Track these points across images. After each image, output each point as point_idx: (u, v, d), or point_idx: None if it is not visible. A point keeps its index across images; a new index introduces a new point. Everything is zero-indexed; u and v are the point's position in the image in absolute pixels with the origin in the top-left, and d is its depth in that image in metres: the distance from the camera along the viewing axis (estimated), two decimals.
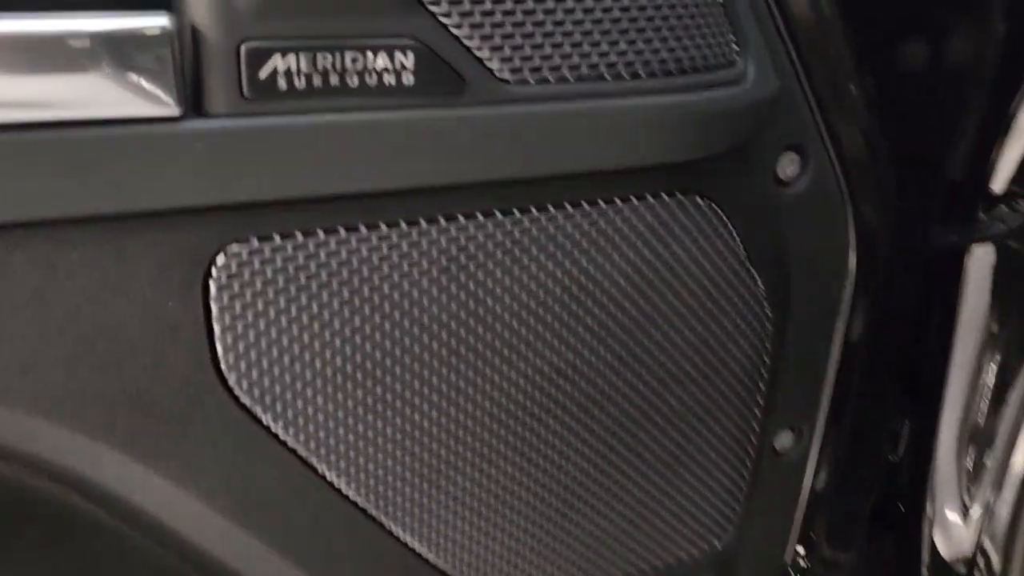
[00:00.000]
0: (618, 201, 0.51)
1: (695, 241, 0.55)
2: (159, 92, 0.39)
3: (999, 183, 0.72)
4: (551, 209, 0.50)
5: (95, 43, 0.38)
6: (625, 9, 0.46)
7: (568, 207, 0.50)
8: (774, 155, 0.58)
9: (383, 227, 0.47)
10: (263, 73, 0.40)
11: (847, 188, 0.62)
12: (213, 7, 0.39)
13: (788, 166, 0.59)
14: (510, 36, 0.44)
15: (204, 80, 0.40)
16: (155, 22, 0.38)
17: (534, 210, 0.49)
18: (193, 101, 0.40)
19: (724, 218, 0.56)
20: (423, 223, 0.47)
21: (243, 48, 0.39)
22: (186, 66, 0.39)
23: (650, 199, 0.52)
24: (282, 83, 0.41)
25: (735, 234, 0.57)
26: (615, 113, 0.47)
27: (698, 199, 0.54)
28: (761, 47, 0.53)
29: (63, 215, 0.40)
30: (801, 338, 0.64)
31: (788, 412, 0.67)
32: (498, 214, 0.49)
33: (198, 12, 0.39)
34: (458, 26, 0.42)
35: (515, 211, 0.49)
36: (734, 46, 0.52)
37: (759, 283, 0.59)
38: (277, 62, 0.40)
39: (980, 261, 0.75)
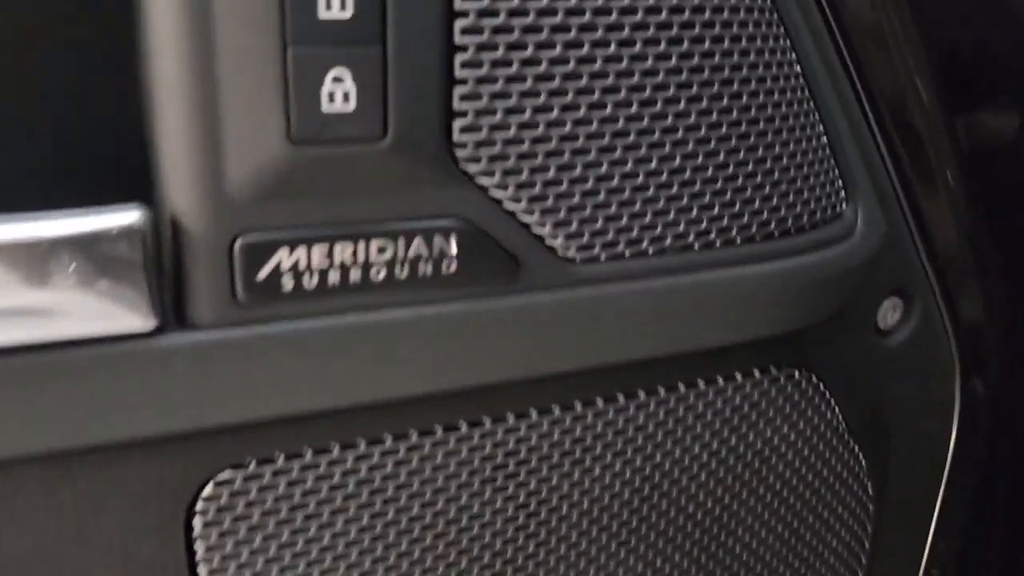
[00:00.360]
0: (701, 384, 0.42)
1: (788, 420, 0.45)
2: (129, 302, 0.30)
3: None
4: (621, 399, 0.40)
5: (49, 249, 0.28)
6: (722, 167, 0.36)
7: (642, 395, 0.41)
8: (876, 302, 0.49)
9: (413, 436, 0.37)
10: (263, 273, 0.31)
11: (954, 333, 0.53)
12: (198, 196, 0.29)
13: (890, 313, 0.50)
14: (579, 208, 0.34)
15: (187, 284, 0.31)
16: (122, 219, 0.29)
17: (600, 402, 0.40)
18: (174, 309, 0.31)
19: (822, 389, 0.46)
20: (464, 427, 0.38)
21: (238, 244, 0.30)
22: (165, 268, 0.30)
23: (738, 378, 0.42)
24: (287, 283, 0.31)
25: (834, 405, 0.47)
26: (705, 288, 0.38)
27: (794, 372, 0.44)
28: (869, 189, 0.44)
29: (5, 456, 0.31)
30: (903, 512, 0.54)
31: None
32: (556, 410, 0.39)
33: (179, 201, 0.29)
34: (515, 200, 0.33)
35: (577, 405, 0.39)
36: (842, 194, 0.42)
37: (860, 458, 0.49)
38: (282, 258, 0.31)
39: None
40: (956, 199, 0.50)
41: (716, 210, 0.37)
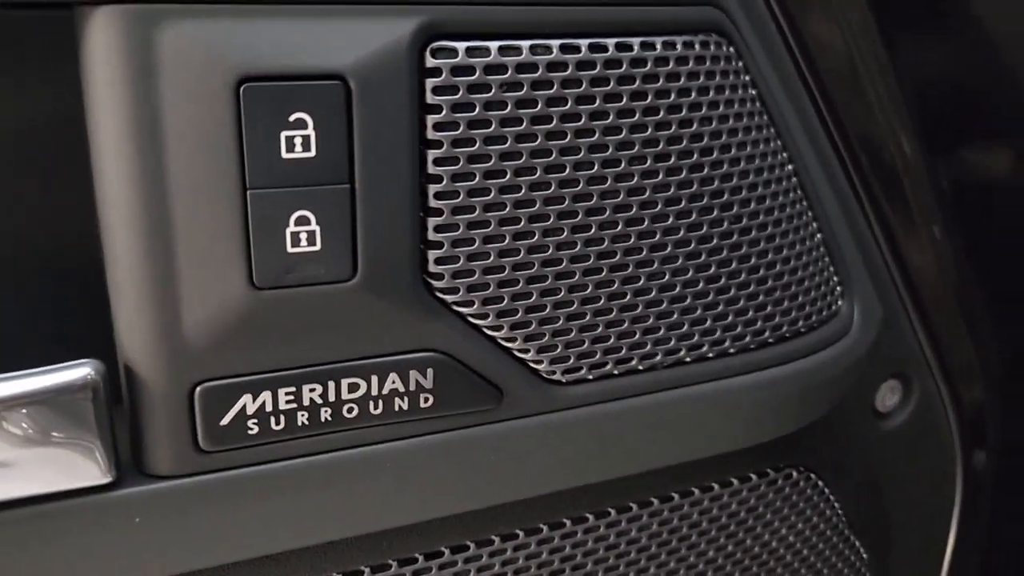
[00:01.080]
0: (696, 492, 0.40)
1: (786, 521, 0.43)
2: (84, 456, 0.28)
3: None
4: (613, 513, 0.38)
5: (2, 409, 0.26)
6: (713, 279, 0.34)
7: (634, 507, 0.39)
8: (873, 386, 0.47)
9: (393, 565, 0.35)
10: (227, 418, 0.29)
11: (955, 410, 0.51)
12: (154, 344, 0.27)
13: (888, 395, 0.48)
14: (564, 332, 0.32)
15: (146, 433, 0.29)
16: (73, 375, 0.27)
17: (591, 518, 0.38)
18: (134, 460, 0.29)
19: (820, 486, 0.44)
20: (447, 554, 0.36)
21: (199, 391, 0.28)
22: (119, 419, 0.28)
23: (735, 483, 0.41)
24: (253, 428, 0.29)
25: (833, 501, 0.45)
26: (698, 401, 0.36)
27: (792, 472, 0.43)
28: (865, 278, 0.42)
29: None
30: None
31: None
32: (544, 529, 0.37)
33: (134, 350, 0.27)
34: (496, 328, 0.31)
35: (566, 522, 0.37)
36: (837, 289, 0.40)
37: (861, 552, 0.47)
38: (246, 402, 0.29)
39: None
40: (947, 264, 0.48)
41: (708, 323, 0.35)
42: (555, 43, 0.29)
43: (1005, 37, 0.48)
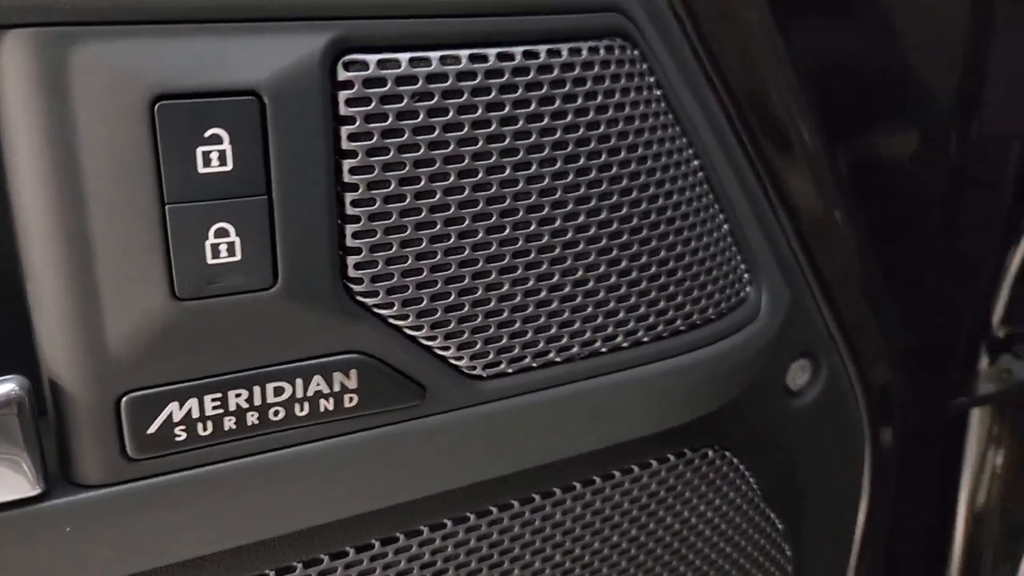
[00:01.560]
0: (616, 474, 0.42)
1: (704, 498, 0.45)
2: (11, 470, 0.28)
3: (999, 329, 0.66)
4: (536, 499, 0.40)
5: None
6: (624, 273, 0.36)
7: (558, 492, 0.40)
8: (784, 365, 0.50)
9: (324, 559, 0.36)
10: (154, 427, 0.29)
11: (862, 389, 0.54)
12: (78, 358, 0.28)
13: (799, 374, 0.51)
14: (483, 328, 0.34)
15: (73, 444, 0.29)
16: None
17: (517, 504, 0.39)
18: (62, 470, 0.29)
19: (735, 463, 0.46)
20: (377, 546, 0.37)
21: (124, 402, 0.29)
22: (46, 430, 0.29)
23: (653, 464, 0.43)
24: (180, 434, 0.30)
25: (748, 476, 0.47)
26: (615, 389, 0.38)
27: (707, 451, 0.45)
28: (772, 264, 0.44)
29: None
30: (820, 566, 0.55)
31: None
32: (471, 518, 0.39)
33: (58, 364, 0.28)
34: (417, 328, 0.32)
35: (492, 510, 0.39)
36: (745, 276, 0.43)
37: (776, 524, 0.50)
38: (172, 410, 0.29)
39: (982, 421, 0.69)
40: (850, 250, 0.50)
41: (622, 314, 0.37)
42: (464, 53, 0.30)
43: (901, 24, 0.50)
